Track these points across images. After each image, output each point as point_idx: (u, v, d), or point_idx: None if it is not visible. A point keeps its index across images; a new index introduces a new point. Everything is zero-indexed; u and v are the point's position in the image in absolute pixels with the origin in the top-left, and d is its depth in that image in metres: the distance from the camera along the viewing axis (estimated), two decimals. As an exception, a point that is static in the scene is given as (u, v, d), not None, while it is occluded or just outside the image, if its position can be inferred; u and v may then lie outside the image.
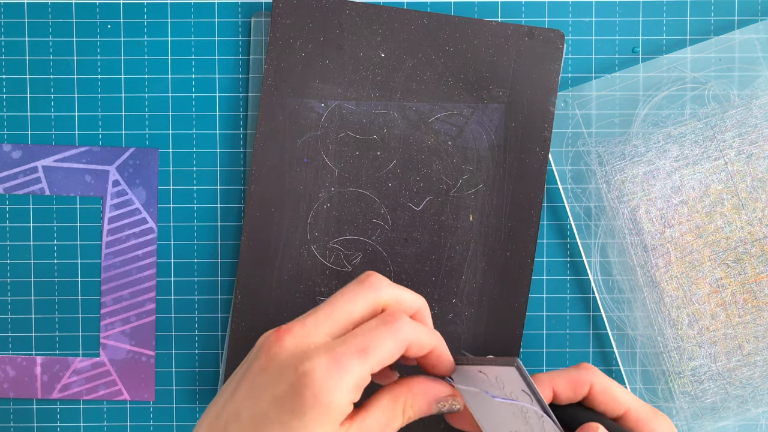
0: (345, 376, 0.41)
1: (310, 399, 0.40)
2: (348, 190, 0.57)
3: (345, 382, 0.41)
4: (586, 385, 0.47)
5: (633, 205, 0.56)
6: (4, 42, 0.58)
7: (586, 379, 0.47)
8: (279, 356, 0.42)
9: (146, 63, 0.58)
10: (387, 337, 0.42)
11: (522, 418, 0.45)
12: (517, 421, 0.46)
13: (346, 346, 0.42)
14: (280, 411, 0.41)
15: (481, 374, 0.46)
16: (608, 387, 0.47)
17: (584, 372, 0.47)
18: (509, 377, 0.44)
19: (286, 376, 0.41)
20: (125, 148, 0.58)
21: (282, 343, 0.42)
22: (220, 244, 0.58)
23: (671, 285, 0.56)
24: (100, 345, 0.58)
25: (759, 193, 0.55)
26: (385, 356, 0.42)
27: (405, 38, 0.56)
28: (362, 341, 0.42)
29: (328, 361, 0.41)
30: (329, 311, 0.43)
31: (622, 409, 0.47)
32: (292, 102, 0.56)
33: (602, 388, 0.47)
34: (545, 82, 0.56)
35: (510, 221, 0.56)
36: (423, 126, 0.56)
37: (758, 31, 0.57)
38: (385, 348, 0.42)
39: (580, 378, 0.47)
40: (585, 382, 0.47)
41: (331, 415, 0.41)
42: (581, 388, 0.47)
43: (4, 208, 0.58)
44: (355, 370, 0.41)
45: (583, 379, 0.47)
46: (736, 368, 0.56)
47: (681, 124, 0.56)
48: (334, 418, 0.41)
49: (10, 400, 0.59)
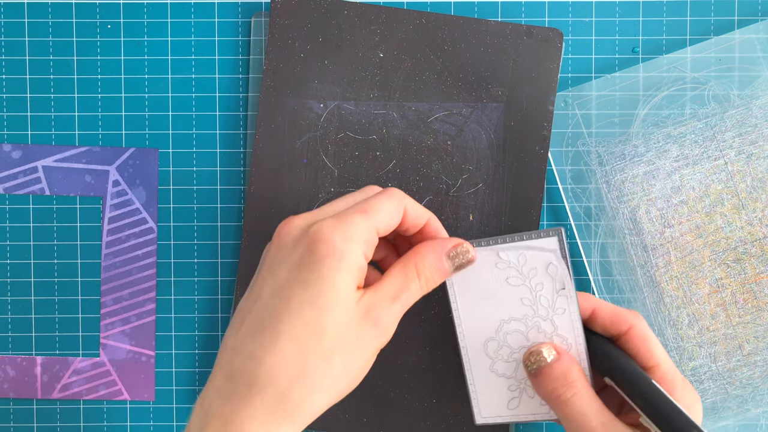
0: (352, 227, 0.44)
1: (324, 249, 0.43)
2: (348, 190, 0.57)
3: (352, 232, 0.43)
4: (626, 325, 0.48)
5: (633, 205, 0.56)
6: (4, 42, 0.58)
7: (630, 320, 0.48)
8: (291, 232, 0.45)
9: (146, 63, 0.58)
10: (384, 199, 0.45)
11: (531, 303, 0.47)
12: (523, 307, 0.48)
13: (350, 209, 0.45)
14: (298, 273, 0.43)
15: (499, 257, 0.48)
16: (648, 336, 0.48)
17: (630, 314, 0.48)
18: (539, 254, 0.48)
19: (300, 242, 0.44)
20: (125, 148, 0.58)
21: (291, 222, 0.45)
22: (220, 244, 0.58)
23: (671, 285, 0.56)
24: (100, 345, 0.58)
25: (759, 193, 0.55)
26: (385, 216, 0.45)
27: (404, 38, 0.56)
28: (363, 205, 0.45)
29: (335, 220, 0.44)
30: (331, 203, 0.47)
31: (653, 362, 0.47)
32: (291, 102, 0.56)
33: (642, 334, 0.48)
34: (544, 80, 0.56)
35: (510, 221, 0.56)
36: (422, 126, 0.56)
37: (758, 31, 0.57)
38: (384, 208, 0.45)
39: (625, 316, 0.48)
40: (627, 321, 0.48)
41: (347, 263, 0.43)
42: (621, 325, 0.48)
43: (4, 208, 0.58)
44: (360, 223, 0.44)
45: (627, 317, 0.48)
46: (736, 368, 0.56)
47: (681, 124, 0.56)
48: (350, 266, 0.43)
49: (10, 400, 0.59)
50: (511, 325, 0.49)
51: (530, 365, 0.47)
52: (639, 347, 0.47)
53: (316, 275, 0.43)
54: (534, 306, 0.48)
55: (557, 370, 0.47)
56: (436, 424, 0.57)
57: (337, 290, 0.43)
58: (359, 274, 0.44)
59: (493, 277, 0.48)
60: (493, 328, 0.49)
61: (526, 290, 0.48)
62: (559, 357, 0.47)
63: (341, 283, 0.43)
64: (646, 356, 0.47)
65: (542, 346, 0.48)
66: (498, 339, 0.49)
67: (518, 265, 0.48)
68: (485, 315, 0.49)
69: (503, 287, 0.48)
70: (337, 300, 0.43)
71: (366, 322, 0.44)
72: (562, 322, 0.48)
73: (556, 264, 0.48)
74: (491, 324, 0.49)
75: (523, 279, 0.48)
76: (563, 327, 0.48)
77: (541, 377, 0.47)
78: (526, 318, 0.48)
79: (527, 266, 0.48)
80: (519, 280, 0.48)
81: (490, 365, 0.49)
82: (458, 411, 0.57)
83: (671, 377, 0.47)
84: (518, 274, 0.48)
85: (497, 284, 0.48)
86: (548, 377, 0.47)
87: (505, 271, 0.48)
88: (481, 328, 0.49)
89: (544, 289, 0.48)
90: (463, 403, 0.56)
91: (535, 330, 0.48)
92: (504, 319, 0.49)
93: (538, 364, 0.47)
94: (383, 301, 0.44)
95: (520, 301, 0.48)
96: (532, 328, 0.48)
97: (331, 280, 0.43)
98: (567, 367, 0.47)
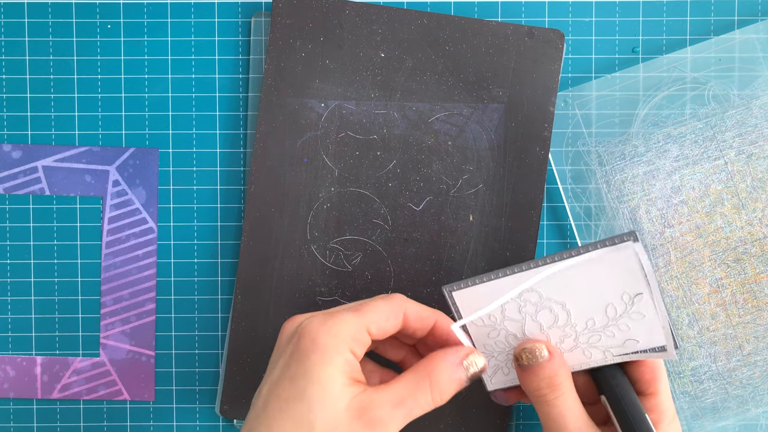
0: (338, 323, 0.44)
1: (308, 344, 0.43)
2: (348, 190, 0.57)
3: (338, 328, 0.43)
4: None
5: (633, 205, 0.56)
6: (4, 42, 0.58)
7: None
8: (289, 329, 0.46)
9: (146, 63, 0.58)
10: (381, 302, 0.45)
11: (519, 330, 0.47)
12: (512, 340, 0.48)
13: (342, 307, 0.46)
14: (288, 369, 0.43)
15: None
16: (657, 364, 0.48)
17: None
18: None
19: (292, 339, 0.44)
20: (125, 148, 0.58)
21: (293, 320, 0.46)
22: (220, 244, 0.58)
23: (671, 285, 0.56)
24: (100, 345, 0.58)
25: (759, 193, 0.55)
26: (379, 317, 0.45)
27: (405, 38, 0.56)
28: (356, 305, 0.46)
29: (324, 316, 0.44)
30: (347, 305, 0.47)
31: (653, 389, 0.48)
32: (292, 102, 0.56)
33: (651, 362, 0.49)
34: (545, 81, 0.56)
35: (510, 221, 0.56)
36: (423, 126, 0.56)
37: (758, 31, 0.57)
38: (379, 309, 0.45)
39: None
40: None
41: (330, 358, 0.43)
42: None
43: (4, 208, 0.58)
44: (348, 320, 0.44)
45: None
46: (736, 368, 0.56)
47: (681, 124, 0.56)
48: (334, 361, 0.43)
49: (10, 400, 0.59)
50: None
51: (521, 360, 0.47)
52: (644, 373, 0.48)
53: (302, 370, 0.43)
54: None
55: (546, 371, 0.47)
56: (434, 423, 0.57)
57: (323, 385, 0.42)
58: (348, 369, 0.43)
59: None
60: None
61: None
62: (551, 358, 0.47)
63: (326, 378, 0.42)
64: (649, 383, 0.48)
65: (536, 344, 0.48)
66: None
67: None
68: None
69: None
70: (324, 395, 0.42)
71: (359, 421, 0.42)
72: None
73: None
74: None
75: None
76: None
77: (530, 374, 0.47)
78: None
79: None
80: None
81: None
82: (458, 411, 0.57)
83: (664, 409, 0.48)
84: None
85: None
86: (536, 375, 0.47)
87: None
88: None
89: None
90: (462, 403, 0.57)
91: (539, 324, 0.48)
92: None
93: (530, 362, 0.47)
94: (384, 403, 0.43)
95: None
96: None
97: (316, 375, 0.42)
98: (556, 369, 0.47)
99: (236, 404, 0.57)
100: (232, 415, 0.57)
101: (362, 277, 0.57)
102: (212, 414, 0.59)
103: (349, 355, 0.44)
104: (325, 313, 0.45)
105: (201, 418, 0.59)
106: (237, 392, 0.57)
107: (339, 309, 0.46)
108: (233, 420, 0.58)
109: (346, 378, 0.43)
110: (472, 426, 0.57)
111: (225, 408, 0.57)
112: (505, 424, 0.57)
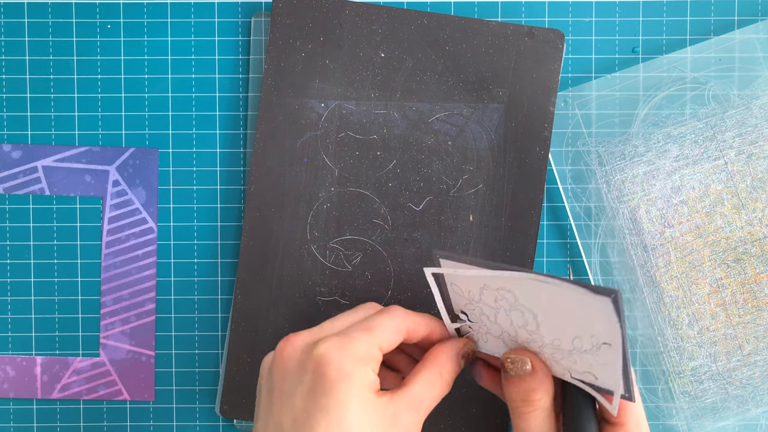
0: (357, 346, 0.45)
1: (335, 373, 0.44)
2: (348, 190, 0.57)
3: (358, 351, 0.45)
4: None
5: (633, 205, 0.56)
6: (4, 42, 0.58)
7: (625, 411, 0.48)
8: (293, 354, 0.46)
9: (146, 63, 0.58)
10: (388, 319, 0.47)
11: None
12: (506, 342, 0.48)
13: (352, 328, 0.46)
14: (315, 400, 0.44)
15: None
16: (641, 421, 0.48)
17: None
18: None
19: (306, 366, 0.45)
20: (125, 148, 0.58)
21: (292, 343, 0.46)
22: (220, 244, 0.58)
23: (671, 285, 0.56)
24: (100, 345, 0.58)
25: (759, 193, 0.55)
26: (389, 335, 0.46)
27: (405, 38, 0.56)
28: (365, 323, 0.46)
29: (339, 339, 0.45)
30: (332, 320, 0.48)
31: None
32: (292, 102, 0.56)
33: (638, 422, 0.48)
34: (545, 82, 0.56)
35: (510, 221, 0.56)
36: (423, 126, 0.56)
37: (758, 31, 0.57)
38: (386, 326, 0.46)
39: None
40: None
41: (359, 384, 0.44)
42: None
43: (4, 208, 0.58)
44: (364, 340, 0.45)
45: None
46: (736, 368, 0.56)
47: (681, 124, 0.56)
48: (363, 386, 0.44)
49: (10, 400, 0.59)
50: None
51: (506, 368, 0.48)
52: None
53: (334, 401, 0.43)
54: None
55: (525, 385, 0.47)
56: (434, 423, 0.57)
57: (357, 413, 0.43)
58: (374, 387, 0.45)
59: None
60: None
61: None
62: (532, 373, 0.47)
63: (358, 406, 0.44)
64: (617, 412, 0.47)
65: (523, 356, 0.47)
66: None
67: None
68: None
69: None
70: (360, 420, 0.44)
71: (395, 428, 0.45)
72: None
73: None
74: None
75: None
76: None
77: (510, 383, 0.48)
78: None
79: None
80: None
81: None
82: (458, 411, 0.57)
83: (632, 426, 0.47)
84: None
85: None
86: (515, 386, 0.47)
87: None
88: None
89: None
90: (462, 404, 0.57)
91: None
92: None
93: (515, 372, 0.47)
94: (409, 407, 0.45)
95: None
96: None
97: (348, 404, 0.43)
98: (535, 386, 0.47)
99: (236, 404, 0.57)
100: (232, 415, 0.57)
101: (362, 277, 0.57)
102: (212, 414, 0.59)
103: (372, 374, 0.45)
104: (339, 336, 0.45)
105: (201, 418, 0.59)
106: (237, 392, 0.57)
107: (348, 329, 0.46)
108: (233, 420, 0.58)
109: (374, 396, 0.45)
110: (472, 426, 0.57)
111: (225, 408, 0.57)
112: (505, 424, 0.57)
